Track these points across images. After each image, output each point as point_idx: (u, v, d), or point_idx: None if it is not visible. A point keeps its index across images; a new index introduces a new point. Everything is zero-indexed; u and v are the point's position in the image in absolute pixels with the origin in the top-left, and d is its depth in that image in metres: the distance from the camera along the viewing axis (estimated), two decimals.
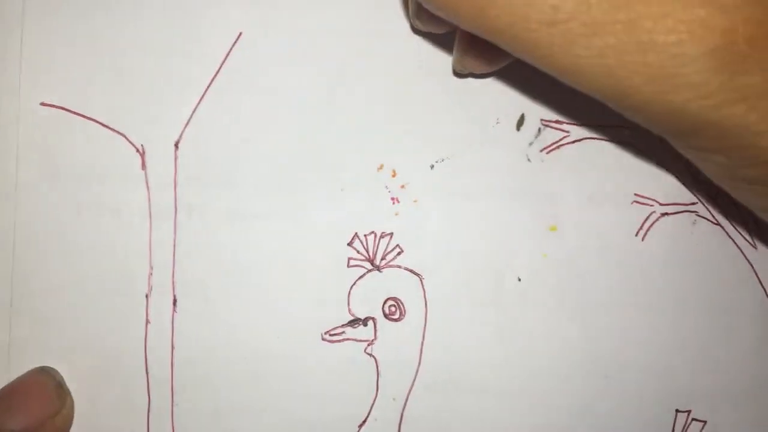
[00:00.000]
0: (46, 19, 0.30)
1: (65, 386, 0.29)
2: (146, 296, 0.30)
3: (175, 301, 0.30)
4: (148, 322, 0.30)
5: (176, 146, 0.30)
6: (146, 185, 0.30)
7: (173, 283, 0.30)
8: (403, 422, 0.30)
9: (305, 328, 0.30)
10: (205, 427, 0.30)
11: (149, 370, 0.29)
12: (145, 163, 0.30)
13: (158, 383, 0.29)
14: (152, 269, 0.30)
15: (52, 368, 0.29)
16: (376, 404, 0.30)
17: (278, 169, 0.30)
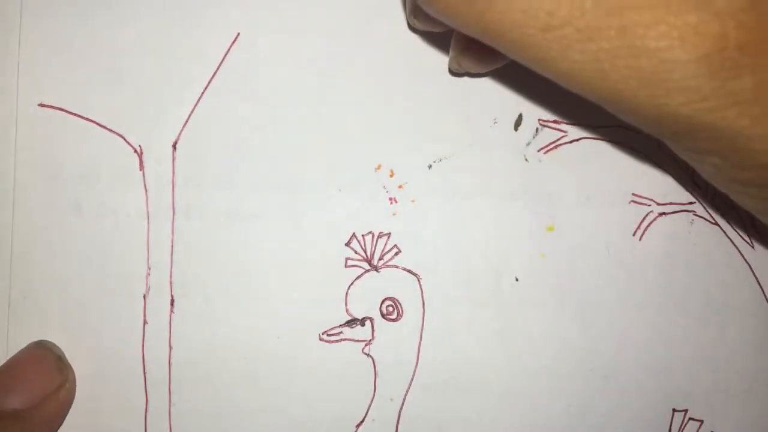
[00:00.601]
0: (43, 20, 0.30)
1: (65, 359, 0.29)
2: (144, 296, 0.30)
3: (172, 301, 0.30)
4: (145, 322, 0.30)
5: (174, 147, 0.30)
6: (144, 186, 0.30)
7: (171, 283, 0.30)
8: (400, 422, 0.30)
9: (303, 328, 0.30)
10: (202, 427, 0.30)
11: (147, 370, 0.29)
12: (143, 163, 0.30)
13: (156, 383, 0.29)
14: (150, 269, 0.30)
15: (50, 342, 0.29)
16: (373, 404, 0.30)
17: (275, 169, 0.30)
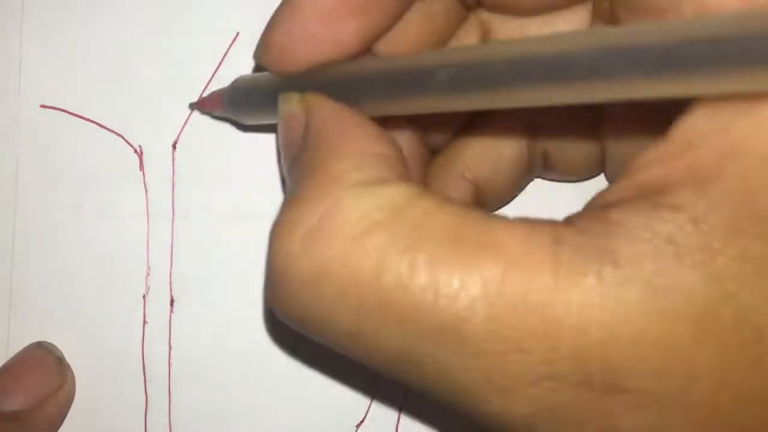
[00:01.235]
0: (45, 21, 0.30)
1: (65, 361, 0.29)
2: (144, 297, 0.30)
3: (172, 301, 0.30)
4: (145, 322, 0.30)
5: (174, 147, 0.30)
6: (144, 186, 0.30)
7: (171, 283, 0.30)
8: (400, 422, 0.30)
9: None
10: (202, 427, 0.30)
11: (146, 370, 0.29)
12: (143, 163, 0.30)
13: (156, 383, 0.29)
14: (150, 269, 0.30)
15: (50, 343, 0.29)
16: (373, 404, 0.30)
17: (275, 169, 0.30)
